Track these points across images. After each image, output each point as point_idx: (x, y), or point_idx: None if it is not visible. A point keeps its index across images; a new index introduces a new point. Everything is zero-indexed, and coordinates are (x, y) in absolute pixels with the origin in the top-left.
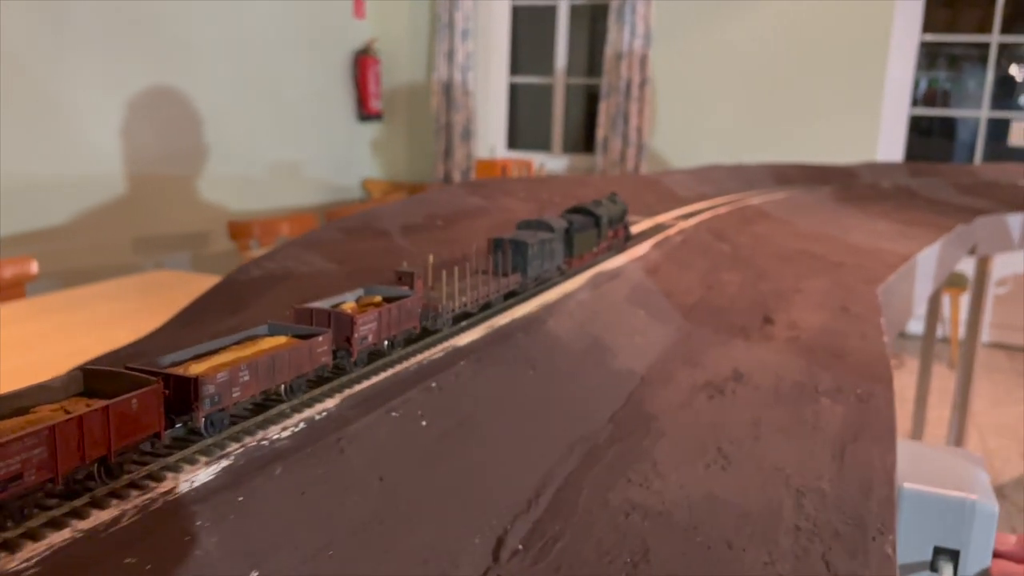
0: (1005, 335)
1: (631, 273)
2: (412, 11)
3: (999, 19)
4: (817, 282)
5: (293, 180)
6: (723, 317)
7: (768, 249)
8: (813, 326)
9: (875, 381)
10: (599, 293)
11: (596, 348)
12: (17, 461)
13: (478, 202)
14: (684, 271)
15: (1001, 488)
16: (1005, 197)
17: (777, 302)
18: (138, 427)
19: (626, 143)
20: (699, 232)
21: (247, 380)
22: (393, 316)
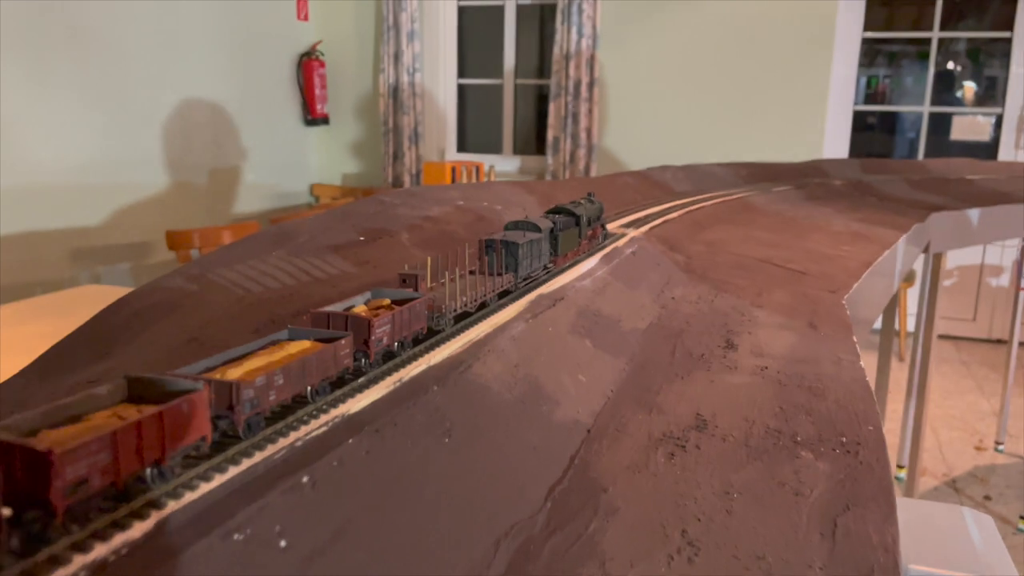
0: (951, 327)
1: (576, 295)
2: (357, 13)
3: (939, 15)
4: (779, 294)
5: (237, 187)
6: (680, 343)
7: (724, 258)
8: (781, 351)
9: (861, 423)
10: (538, 323)
11: (533, 396)
12: (84, 466)
13: (407, 213)
14: (635, 288)
15: (955, 481)
16: (955, 192)
17: (738, 321)
18: (189, 431)
19: (576, 144)
20: (650, 242)
21: (281, 384)
22: (405, 318)
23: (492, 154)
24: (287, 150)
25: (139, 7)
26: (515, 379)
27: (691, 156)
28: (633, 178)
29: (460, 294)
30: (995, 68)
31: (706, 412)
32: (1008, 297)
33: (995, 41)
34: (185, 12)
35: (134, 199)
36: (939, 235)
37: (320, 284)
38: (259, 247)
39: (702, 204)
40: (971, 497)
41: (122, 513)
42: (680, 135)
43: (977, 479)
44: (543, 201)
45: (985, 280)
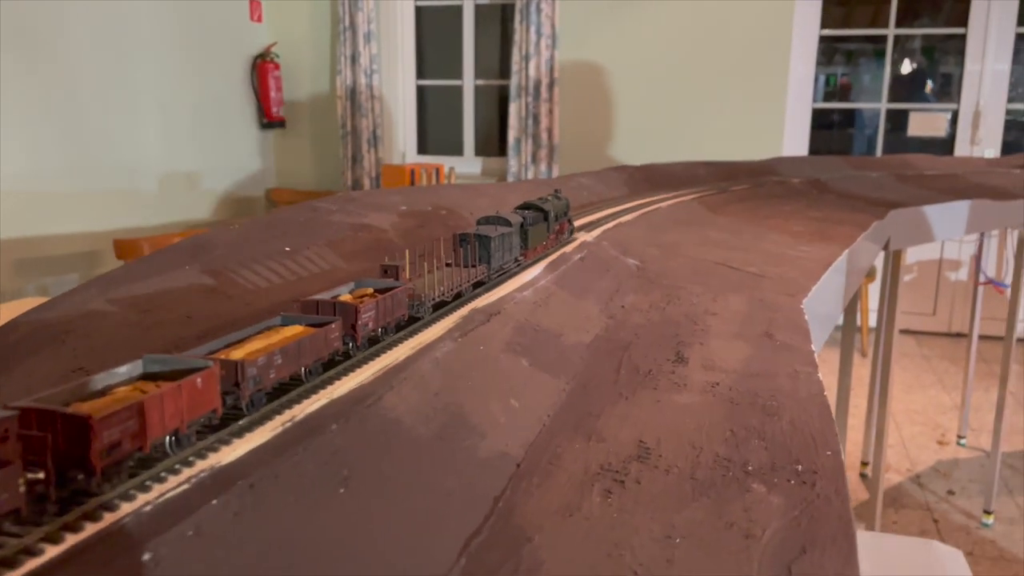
0: (912, 321)
1: (515, 308)
2: (312, 14)
3: (894, 12)
4: (735, 300)
5: (190, 192)
6: (627, 357)
7: (679, 262)
8: (734, 364)
9: (818, 447)
10: (468, 342)
11: (454, 428)
12: (117, 432)
13: (341, 220)
14: (582, 298)
15: (919, 477)
16: (913, 189)
17: (690, 331)
18: (202, 403)
19: (538, 145)
20: (601, 246)
21: (280, 363)
22: (388, 305)
23: (453, 156)
24: (242, 154)
25: (85, 8)
26: (434, 410)
27: (652, 155)
28: (589, 179)
29: (438, 284)
30: (950, 65)
31: (650, 439)
32: (967, 291)
33: (950, 38)
34: (133, 13)
35: (81, 207)
36: (899, 232)
37: (231, 301)
38: (170, 262)
39: (658, 205)
40: (935, 492)
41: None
42: (641, 135)
43: (940, 474)
44: (493, 204)
45: (944, 274)
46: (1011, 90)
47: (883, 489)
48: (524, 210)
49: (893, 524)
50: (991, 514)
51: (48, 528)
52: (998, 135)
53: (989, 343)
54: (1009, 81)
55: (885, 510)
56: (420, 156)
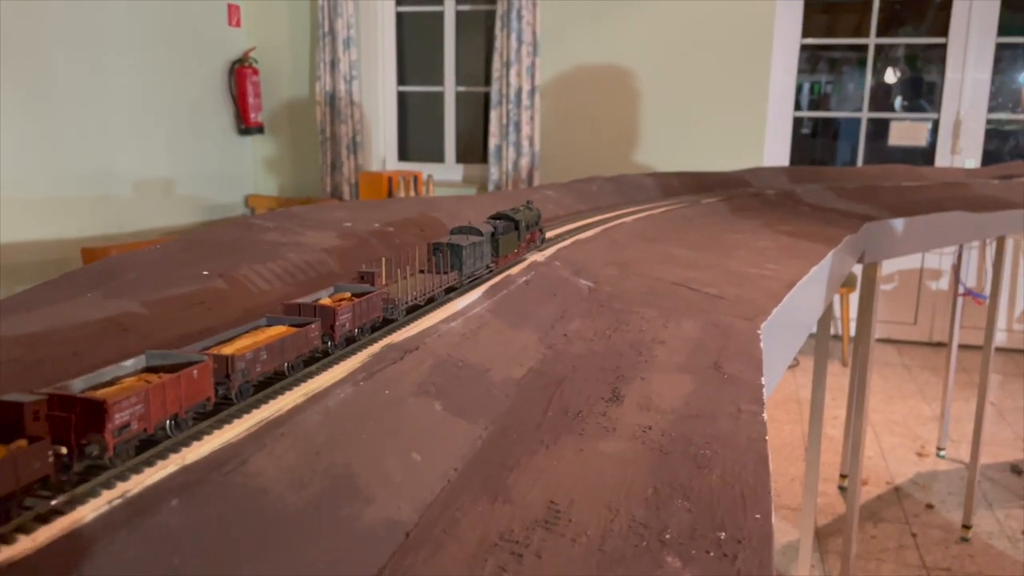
0: (893, 330)
1: (437, 341)
2: (291, 19)
3: (875, 22)
4: (688, 325)
5: (166, 199)
6: (559, 396)
7: (635, 283)
8: (673, 402)
9: (747, 508)
10: (372, 385)
11: (335, 494)
12: (127, 414)
13: (275, 240)
14: (520, 327)
15: (898, 490)
16: (890, 201)
17: (634, 362)
18: (198, 392)
19: (519, 152)
20: (552, 267)
21: (265, 358)
22: (364, 308)
23: (435, 163)
24: (220, 160)
25: (59, 9)
26: (313, 472)
27: (634, 164)
28: (556, 191)
29: (411, 289)
30: (933, 74)
31: (562, 498)
32: (948, 301)
33: (932, 47)
34: (108, 16)
35: (52, 213)
36: (874, 245)
37: (126, 335)
38: (71, 289)
39: (623, 219)
40: (914, 505)
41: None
42: (623, 143)
43: (919, 486)
44: (448, 219)
45: (925, 284)
46: (991, 99)
47: (859, 503)
48: (496, 220)
49: (871, 539)
50: (970, 528)
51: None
52: (979, 145)
53: (971, 353)
54: (990, 90)
55: (863, 524)
56: (401, 163)
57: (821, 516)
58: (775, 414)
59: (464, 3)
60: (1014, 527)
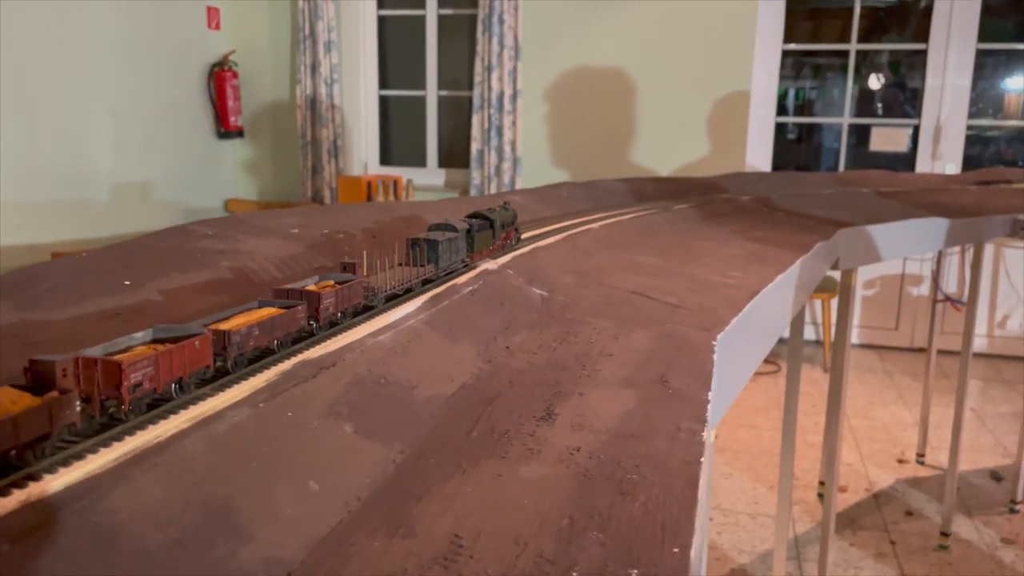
0: (875, 336)
1: (360, 357)
2: (271, 22)
3: (856, 28)
4: (640, 336)
5: (143, 203)
6: (489, 415)
7: (593, 291)
8: (609, 421)
9: (666, 541)
10: (275, 407)
11: (208, 530)
12: (140, 375)
13: (212, 247)
14: (457, 339)
15: (877, 497)
16: (867, 207)
17: (575, 377)
18: (199, 360)
19: (501, 157)
20: (504, 275)
21: (257, 334)
22: (345, 294)
23: (417, 167)
24: (199, 164)
25: (35, 10)
26: (186, 506)
27: (617, 168)
28: (524, 197)
29: (390, 279)
30: (917, 80)
31: (469, 531)
32: (929, 306)
33: (916, 53)
34: (85, 18)
35: (26, 217)
36: (849, 252)
37: (32, 349)
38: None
39: (590, 226)
40: (893, 512)
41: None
42: (604, 148)
43: (899, 493)
44: (405, 226)
45: (907, 289)
46: (972, 105)
47: (838, 510)
48: (472, 219)
49: (850, 546)
50: (948, 536)
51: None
52: (959, 150)
53: (952, 358)
54: (970, 96)
55: (843, 531)
56: (383, 167)
57: (800, 524)
58: (755, 420)
59: (446, 7)
60: (993, 535)
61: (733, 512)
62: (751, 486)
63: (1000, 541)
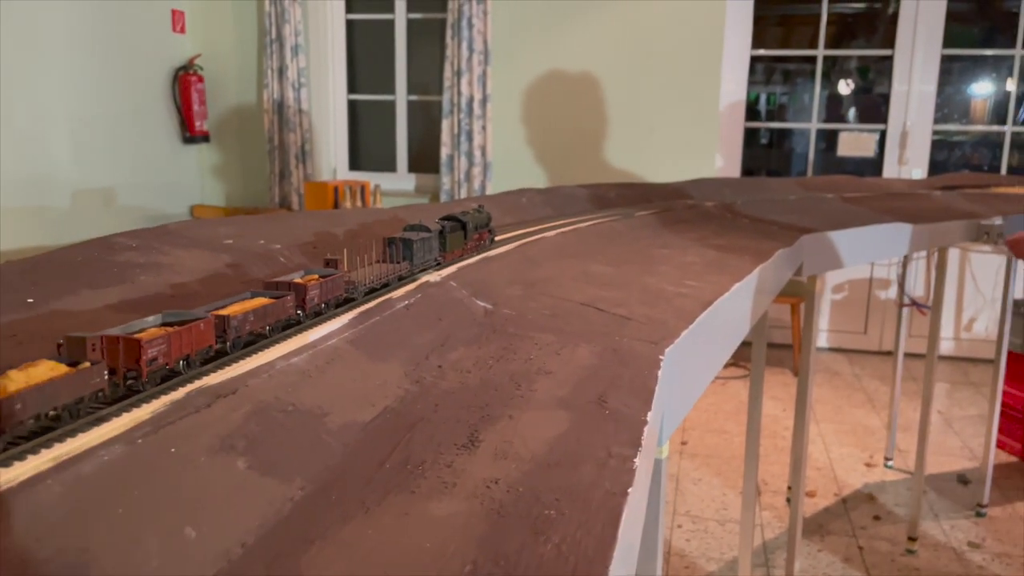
0: (843, 339)
1: (266, 383)
2: (237, 25)
3: (823, 34)
4: (583, 352)
5: (105, 209)
6: (407, 443)
7: (540, 304)
8: (536, 447)
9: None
10: (157, 442)
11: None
12: (155, 351)
13: (133, 260)
14: (384, 359)
15: (845, 501)
16: (831, 212)
17: (507, 398)
18: (203, 340)
19: (471, 162)
20: (446, 287)
21: (252, 320)
22: (329, 287)
23: (387, 172)
24: (163, 170)
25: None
26: (24, 565)
27: (587, 174)
28: (482, 204)
29: (368, 274)
30: (885, 86)
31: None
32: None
33: (883, 59)
34: (46, 20)
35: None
36: (812, 258)
37: None
38: None
39: (545, 234)
40: (861, 517)
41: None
42: (575, 153)
43: (867, 498)
44: (347, 238)
45: (875, 293)
46: (938, 111)
47: (807, 516)
48: (445, 221)
49: (818, 552)
50: (916, 540)
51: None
52: (925, 155)
53: (919, 361)
54: (936, 102)
55: (811, 536)
56: (352, 172)
57: (769, 529)
58: (725, 425)
59: (415, 11)
60: (960, 538)
61: (702, 519)
62: (720, 492)
63: (967, 545)
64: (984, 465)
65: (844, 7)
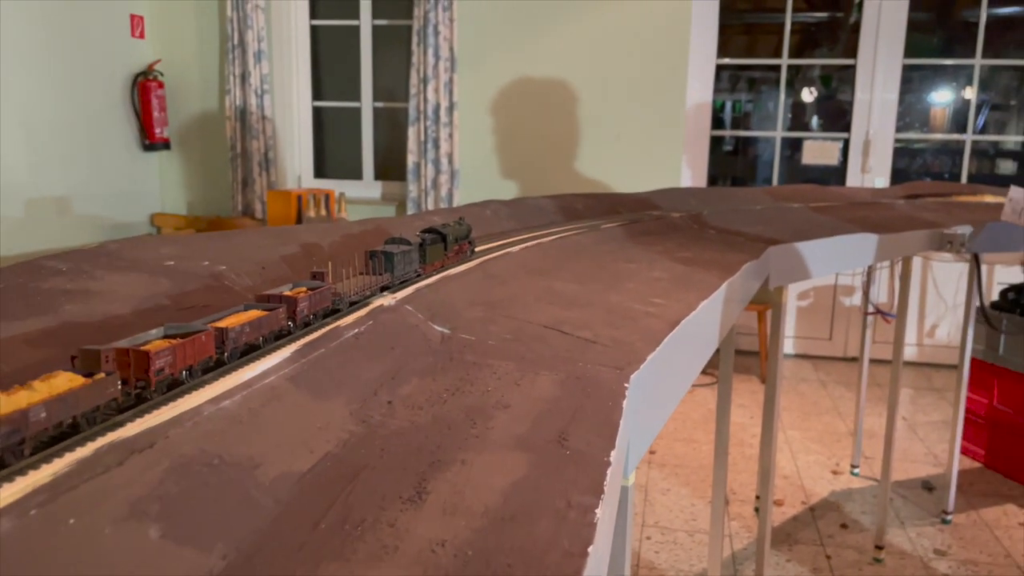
0: (809, 346)
1: (191, 431)
2: (198, 31)
3: (787, 43)
4: (544, 381)
5: (61, 218)
6: (347, 497)
7: (502, 326)
8: (488, 499)
9: None
10: (50, 513)
11: None
12: (162, 362)
13: (57, 287)
14: (328, 396)
15: (813, 509)
16: (797, 222)
17: (461, 438)
18: (204, 351)
19: (438, 170)
20: (401, 312)
21: (248, 332)
22: (317, 298)
23: (353, 180)
24: (122, 177)
25: None
26: None
27: (554, 183)
28: (444, 216)
29: (353, 286)
30: (848, 94)
31: None
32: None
33: (845, 68)
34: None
35: None
36: (779, 269)
37: None
38: None
39: (510, 248)
40: (828, 526)
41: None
42: (543, 161)
43: (834, 506)
44: (301, 255)
45: (839, 299)
46: (900, 119)
47: (774, 525)
48: (426, 233)
49: (787, 562)
50: (882, 549)
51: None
52: (888, 163)
53: (884, 367)
54: (898, 110)
55: (779, 547)
56: (317, 180)
57: (737, 539)
58: (694, 434)
59: (381, 17)
60: (926, 545)
61: (671, 530)
62: (689, 502)
63: (933, 553)
64: (949, 471)
65: (807, 17)
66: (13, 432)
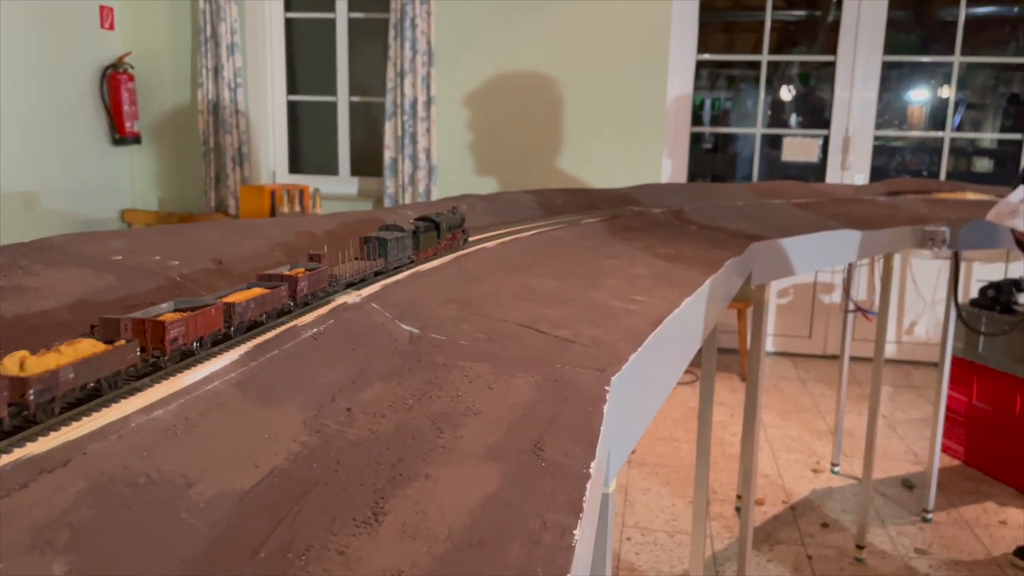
0: (789, 344)
1: (115, 446)
2: (170, 23)
3: (767, 39)
4: (520, 384)
5: (28, 214)
6: (293, 519)
7: (475, 326)
8: (454, 519)
9: None
10: None
11: None
12: (176, 332)
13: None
14: (278, 403)
15: (793, 508)
16: (779, 219)
17: (426, 449)
18: (213, 324)
19: (416, 165)
20: (366, 310)
21: (252, 307)
22: (315, 279)
23: (329, 175)
24: (91, 172)
25: None
26: None
27: (533, 178)
28: (417, 211)
29: (347, 270)
30: (826, 91)
31: None
32: (841, 314)
33: (824, 65)
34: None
35: None
36: (761, 266)
37: None
38: None
39: (485, 244)
40: (809, 525)
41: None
42: (522, 156)
43: (815, 505)
44: (252, 249)
45: (819, 297)
46: (879, 116)
47: (756, 525)
48: (419, 221)
49: (768, 562)
50: (863, 548)
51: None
52: (867, 160)
53: (864, 365)
54: (877, 108)
55: (760, 547)
56: (292, 175)
57: (718, 540)
58: (674, 433)
59: (357, 10)
60: (907, 544)
61: (651, 530)
62: (669, 502)
63: (914, 551)
64: (929, 469)
65: (786, 14)
66: (44, 390)
